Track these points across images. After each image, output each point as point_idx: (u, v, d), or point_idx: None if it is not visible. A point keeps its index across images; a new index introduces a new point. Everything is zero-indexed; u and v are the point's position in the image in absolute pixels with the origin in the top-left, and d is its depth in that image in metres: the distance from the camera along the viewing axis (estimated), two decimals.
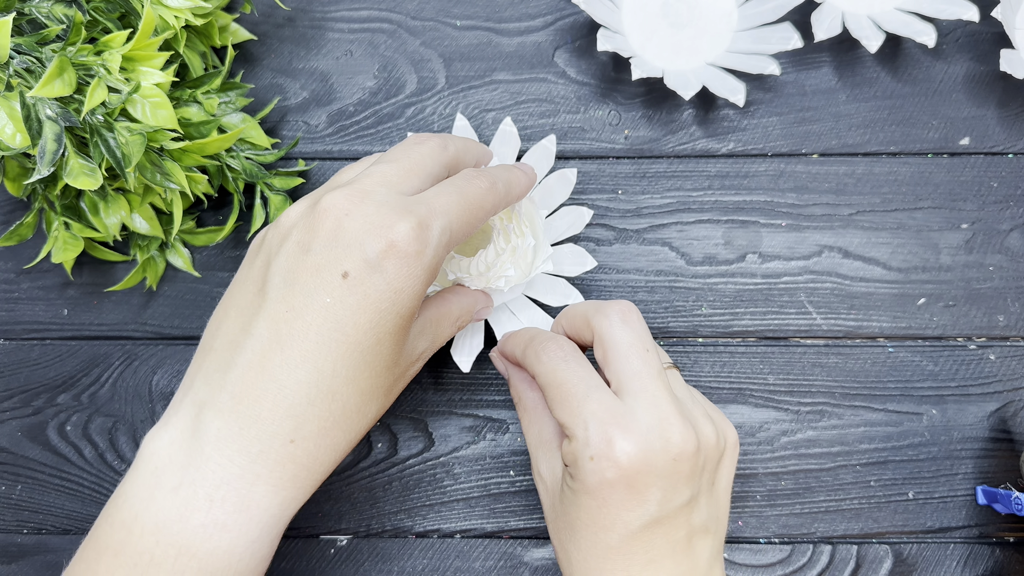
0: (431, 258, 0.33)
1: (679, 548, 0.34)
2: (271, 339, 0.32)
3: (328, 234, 0.33)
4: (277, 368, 0.32)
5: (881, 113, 0.48)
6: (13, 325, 0.48)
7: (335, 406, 0.32)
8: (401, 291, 0.33)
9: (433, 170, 0.37)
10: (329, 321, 0.32)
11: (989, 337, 0.46)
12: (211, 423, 0.31)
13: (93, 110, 0.37)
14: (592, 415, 0.33)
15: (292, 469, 0.32)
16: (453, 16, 0.50)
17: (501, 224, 0.41)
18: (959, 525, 0.45)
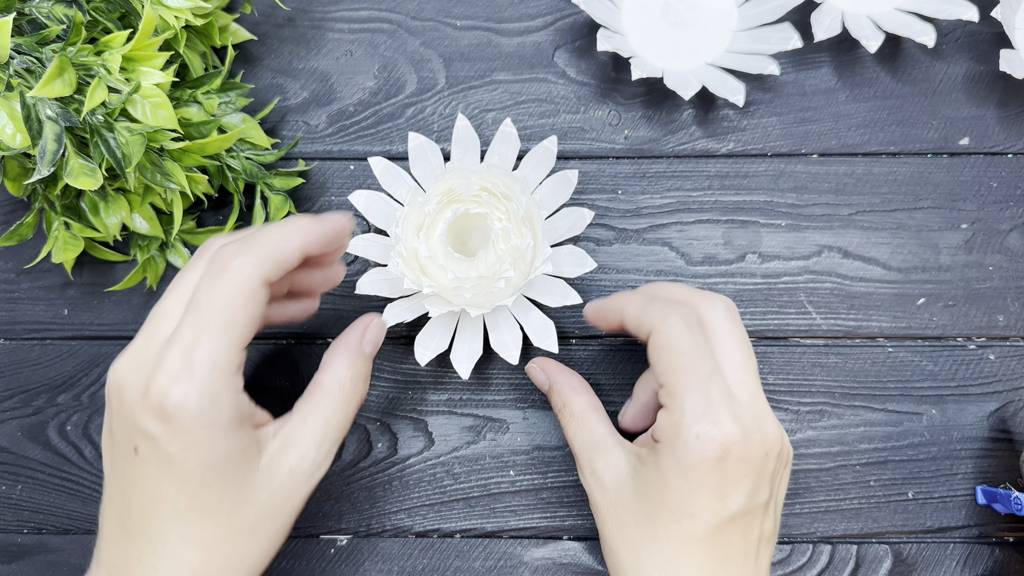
0: (199, 400, 0.31)
1: (750, 551, 0.35)
2: (115, 522, 0.34)
3: (114, 409, 0.33)
4: (125, 546, 0.33)
5: (881, 113, 0.48)
6: (13, 325, 0.48)
7: (180, 569, 0.32)
8: (186, 447, 0.31)
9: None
10: (144, 497, 0.33)
11: (989, 337, 0.46)
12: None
13: (93, 110, 0.37)
14: (710, 393, 0.34)
15: None
16: (453, 16, 0.50)
17: (500, 225, 0.41)
18: (959, 525, 0.45)
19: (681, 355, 0.34)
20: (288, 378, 0.47)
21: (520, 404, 0.46)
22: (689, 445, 0.33)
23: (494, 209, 0.42)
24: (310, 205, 0.48)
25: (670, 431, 0.34)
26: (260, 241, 0.33)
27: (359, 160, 0.48)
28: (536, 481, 0.46)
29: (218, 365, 0.31)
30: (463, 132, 0.44)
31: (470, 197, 0.42)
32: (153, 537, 0.32)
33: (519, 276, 0.42)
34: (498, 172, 0.42)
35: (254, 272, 0.32)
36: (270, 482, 0.34)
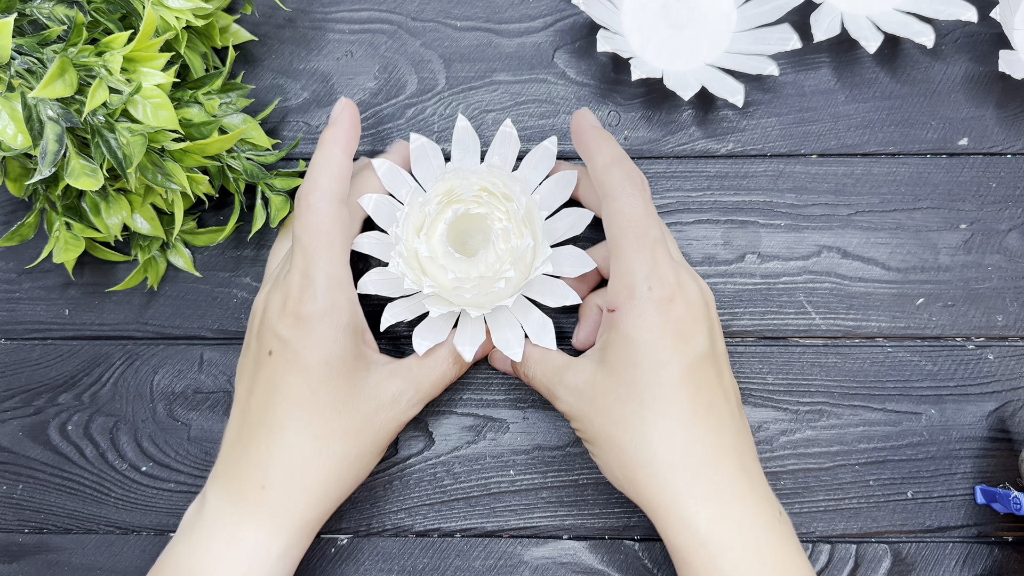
0: (324, 304, 0.38)
1: (729, 396, 0.39)
2: (239, 417, 0.40)
3: (254, 329, 0.41)
4: (246, 437, 0.39)
5: (880, 114, 0.48)
6: (15, 325, 0.48)
7: (293, 453, 0.38)
8: (313, 345, 0.38)
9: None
10: (271, 389, 0.39)
11: (988, 337, 0.46)
12: (211, 488, 0.40)
13: (94, 111, 0.37)
14: (656, 254, 0.38)
15: (268, 509, 0.38)
16: (453, 17, 0.50)
17: (501, 225, 0.41)
18: (958, 524, 0.45)
19: (634, 221, 0.38)
20: None
21: (520, 404, 0.46)
22: (644, 298, 0.37)
23: (494, 209, 0.42)
24: None
25: (624, 293, 0.38)
26: (319, 172, 0.40)
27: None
28: (536, 481, 0.46)
29: (331, 276, 0.39)
30: (463, 133, 0.44)
31: (470, 197, 0.42)
32: (273, 424, 0.38)
33: (519, 276, 0.42)
34: (498, 172, 0.42)
35: (330, 196, 0.39)
36: (375, 398, 0.40)
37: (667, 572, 0.45)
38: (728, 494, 0.36)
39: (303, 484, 0.38)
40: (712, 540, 0.36)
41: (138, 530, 0.47)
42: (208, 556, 0.38)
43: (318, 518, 0.39)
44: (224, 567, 0.37)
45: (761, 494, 0.37)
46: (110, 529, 0.47)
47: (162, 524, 0.47)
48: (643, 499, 0.37)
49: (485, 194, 0.42)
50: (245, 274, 0.48)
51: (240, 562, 0.37)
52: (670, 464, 0.36)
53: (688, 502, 0.36)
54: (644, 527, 0.45)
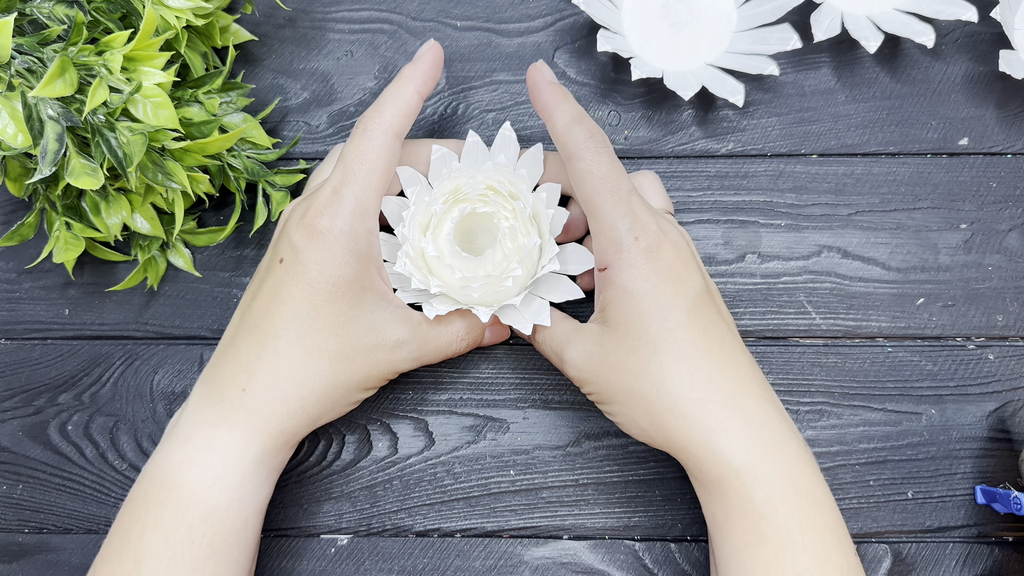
0: (343, 225, 0.38)
1: (731, 324, 0.40)
2: (238, 320, 0.40)
3: (275, 237, 0.41)
4: (239, 340, 0.39)
5: (880, 113, 0.48)
6: (15, 325, 0.48)
7: (281, 362, 0.38)
8: (323, 261, 0.38)
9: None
10: (273, 296, 0.39)
11: (988, 337, 0.46)
12: (195, 391, 0.40)
13: (95, 110, 0.37)
14: (633, 206, 0.38)
15: (244, 413, 0.38)
16: (453, 17, 0.50)
17: (507, 224, 0.41)
18: (958, 524, 0.45)
19: (603, 178, 0.38)
20: None
21: (520, 404, 0.46)
22: (632, 249, 0.37)
23: (500, 208, 0.42)
24: None
25: (612, 249, 0.38)
26: (386, 102, 0.40)
27: None
28: (536, 481, 0.46)
29: (360, 202, 0.39)
30: (473, 149, 0.44)
31: (476, 196, 0.42)
32: (268, 330, 0.38)
33: (526, 274, 0.42)
34: (504, 171, 0.42)
35: (388, 127, 0.40)
36: (377, 334, 0.40)
37: (667, 572, 0.45)
38: (758, 422, 0.36)
39: (283, 392, 0.38)
40: (746, 470, 0.36)
41: None
42: (183, 457, 0.37)
43: (294, 430, 0.39)
44: (198, 469, 0.37)
45: (789, 421, 0.38)
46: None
47: None
48: (672, 442, 0.37)
49: (491, 193, 0.42)
50: (245, 274, 0.48)
51: (214, 464, 0.37)
52: (695, 402, 0.36)
53: (719, 436, 0.36)
54: (644, 527, 0.45)
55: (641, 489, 0.46)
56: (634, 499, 0.46)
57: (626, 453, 0.46)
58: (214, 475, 0.37)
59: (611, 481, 0.46)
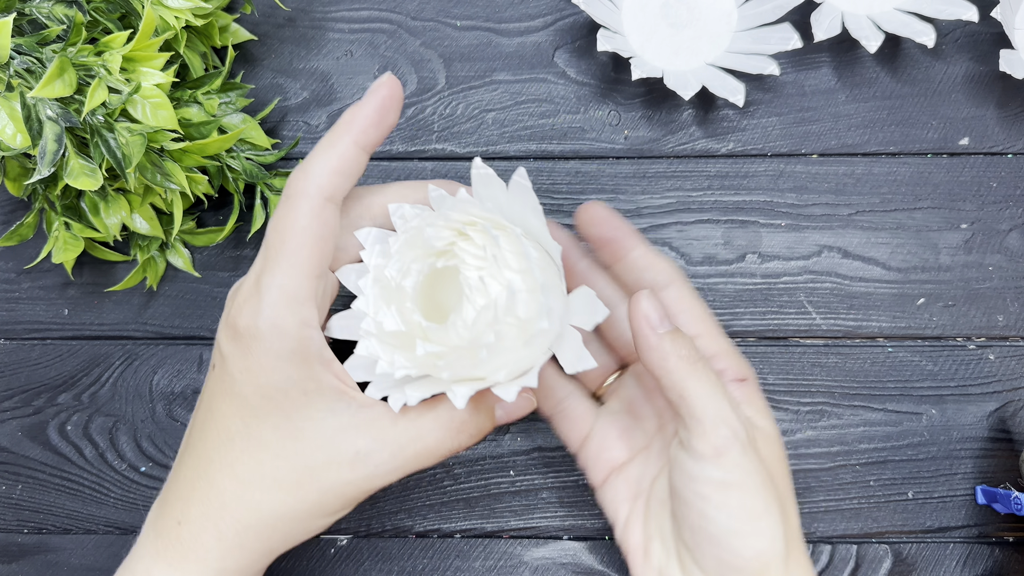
0: (267, 323, 0.32)
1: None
2: (185, 435, 0.35)
3: (215, 343, 0.35)
4: (181, 462, 0.34)
5: (880, 113, 0.48)
6: (14, 325, 0.48)
7: (212, 492, 0.33)
8: (248, 368, 0.32)
9: None
10: (207, 413, 0.34)
11: (988, 337, 0.46)
12: (149, 514, 0.35)
13: (93, 110, 0.37)
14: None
15: (180, 550, 0.33)
16: (453, 16, 0.50)
17: (475, 270, 0.32)
18: (958, 525, 0.45)
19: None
20: None
21: None
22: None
23: (465, 253, 0.33)
24: None
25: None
26: (314, 158, 0.33)
27: None
28: (536, 481, 0.46)
29: (285, 291, 0.32)
30: (484, 180, 0.34)
31: (442, 245, 0.33)
32: (201, 454, 0.33)
33: (514, 338, 0.31)
34: (472, 204, 0.33)
35: (315, 191, 0.32)
36: (328, 449, 0.32)
37: None
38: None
39: (218, 528, 0.33)
40: None
41: (137, 531, 0.47)
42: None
43: (238, 569, 0.33)
44: None
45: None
46: (109, 529, 0.47)
47: None
48: None
49: (459, 237, 0.33)
50: (244, 274, 0.48)
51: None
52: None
53: None
54: None
55: None
56: None
57: None
58: None
59: None
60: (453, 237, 0.33)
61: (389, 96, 0.33)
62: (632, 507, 0.38)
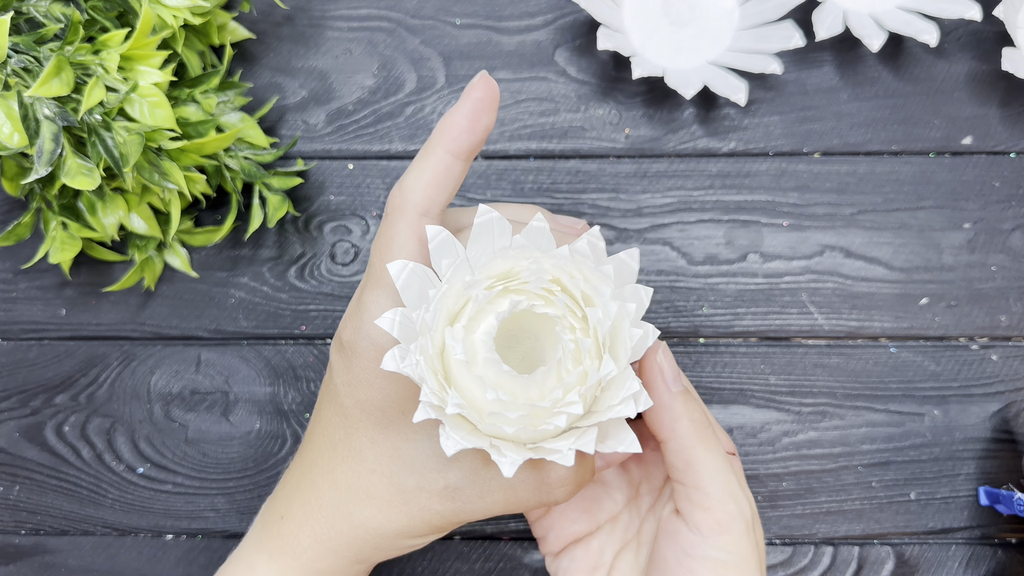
0: (367, 339, 0.31)
1: None
2: (302, 440, 0.37)
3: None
4: (295, 459, 0.36)
5: (883, 112, 0.47)
6: (11, 325, 0.48)
7: (313, 495, 0.34)
8: (350, 381, 0.32)
9: None
10: (316, 417, 0.35)
11: (992, 337, 0.46)
12: (261, 509, 0.37)
13: (91, 110, 0.37)
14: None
15: (280, 544, 0.34)
16: (453, 14, 0.49)
17: (572, 338, 0.29)
18: (961, 526, 0.45)
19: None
20: (284, 381, 0.47)
21: None
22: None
23: (568, 314, 0.30)
24: (308, 205, 0.48)
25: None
26: (409, 173, 0.32)
27: (358, 159, 0.48)
28: None
29: (383, 310, 0.31)
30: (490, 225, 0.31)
31: (538, 290, 0.30)
32: (308, 457, 0.35)
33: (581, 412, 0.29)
34: (583, 262, 0.30)
35: (410, 207, 0.31)
36: (422, 476, 0.32)
37: None
38: None
39: (313, 531, 0.34)
40: None
41: (135, 532, 0.47)
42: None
43: (331, 570, 0.34)
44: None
45: None
46: (107, 531, 0.47)
47: (159, 526, 0.46)
48: None
49: (558, 289, 0.30)
50: (242, 274, 0.48)
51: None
52: None
53: None
54: None
55: None
56: None
57: None
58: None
59: None
60: (551, 283, 0.30)
61: (482, 99, 0.31)
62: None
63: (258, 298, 0.47)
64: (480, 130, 0.32)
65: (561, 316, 0.29)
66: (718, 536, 0.32)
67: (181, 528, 0.46)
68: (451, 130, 0.31)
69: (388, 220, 0.32)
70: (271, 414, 0.47)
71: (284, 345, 0.47)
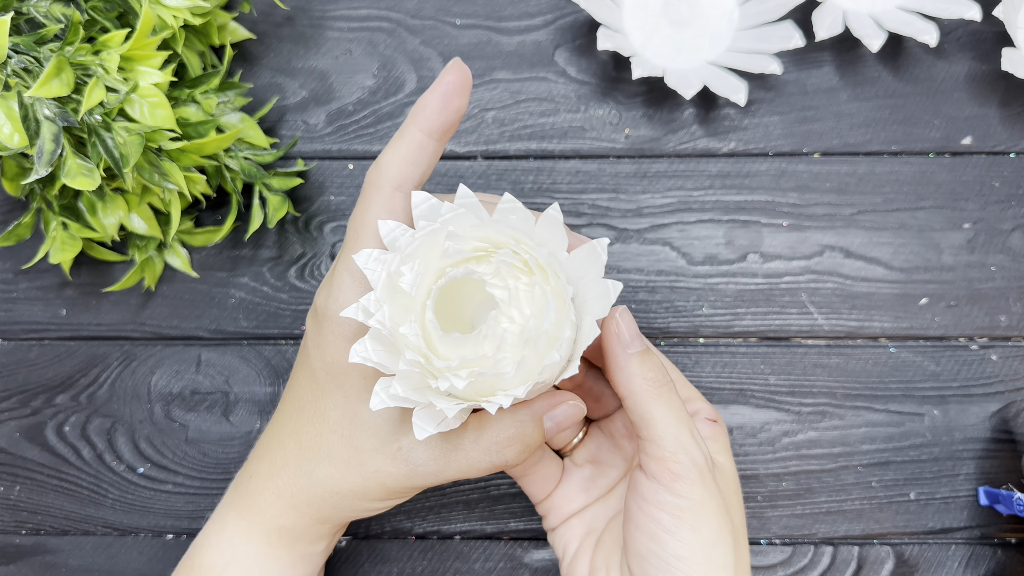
0: (338, 305, 0.33)
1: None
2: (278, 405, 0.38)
3: None
4: (269, 423, 0.38)
5: (883, 112, 0.47)
6: (11, 325, 0.48)
7: (278, 453, 0.36)
8: (320, 344, 0.34)
9: None
10: (291, 378, 0.37)
11: (991, 337, 0.46)
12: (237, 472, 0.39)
13: (91, 110, 0.37)
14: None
15: (247, 501, 0.36)
16: (453, 15, 0.49)
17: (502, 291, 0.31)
18: (961, 526, 0.45)
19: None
20: (284, 381, 0.47)
21: None
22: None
23: (507, 271, 0.31)
24: (308, 205, 0.48)
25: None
26: (385, 150, 0.34)
27: (358, 159, 0.48)
28: None
29: (355, 277, 0.33)
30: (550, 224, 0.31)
31: (468, 253, 0.31)
32: (277, 417, 0.37)
33: (537, 356, 0.30)
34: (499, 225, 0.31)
35: (384, 181, 0.33)
36: (380, 439, 0.33)
37: None
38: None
39: (277, 487, 0.35)
40: None
41: (135, 532, 0.47)
42: (204, 538, 0.37)
43: (295, 528, 0.35)
44: (212, 553, 0.37)
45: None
46: (107, 531, 0.47)
47: (159, 526, 0.46)
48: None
49: (494, 250, 0.31)
50: (242, 274, 0.48)
51: (224, 550, 0.36)
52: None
53: None
54: None
55: None
56: None
57: None
58: (224, 561, 0.36)
59: None
60: (479, 249, 0.31)
61: (453, 82, 0.33)
62: (582, 542, 0.38)
63: (258, 298, 0.48)
64: (452, 111, 0.33)
65: (495, 272, 0.31)
66: (672, 483, 0.33)
67: (182, 528, 0.46)
68: (424, 110, 0.33)
69: (364, 195, 0.34)
70: (271, 414, 0.47)
71: (284, 345, 0.47)
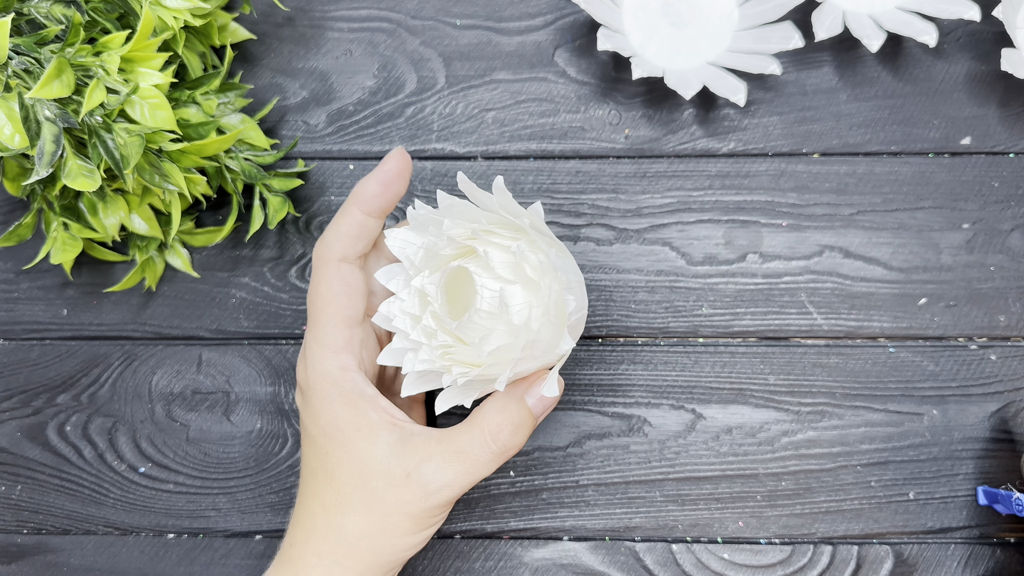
0: (313, 376, 0.37)
1: None
2: None
3: None
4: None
5: (882, 113, 0.47)
6: (12, 325, 0.48)
7: (308, 520, 0.38)
8: (308, 415, 0.38)
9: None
10: (301, 453, 0.39)
11: (990, 337, 0.46)
12: None
13: (92, 111, 0.37)
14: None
15: (291, 568, 0.38)
16: (453, 15, 0.49)
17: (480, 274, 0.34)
18: (960, 526, 0.45)
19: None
20: (285, 381, 0.47)
21: None
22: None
23: (487, 246, 0.34)
24: (309, 205, 0.48)
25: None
26: (329, 227, 0.38)
27: (358, 160, 0.48)
28: (536, 482, 0.46)
29: (322, 345, 0.37)
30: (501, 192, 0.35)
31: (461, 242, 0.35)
32: (301, 488, 0.39)
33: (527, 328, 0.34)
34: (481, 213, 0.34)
35: (328, 256, 0.37)
36: (387, 475, 0.36)
37: (668, 573, 0.45)
38: None
39: (316, 550, 0.37)
40: None
41: (136, 531, 0.47)
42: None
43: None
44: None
45: None
46: (108, 530, 0.47)
47: (160, 525, 0.47)
48: None
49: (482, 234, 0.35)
50: (243, 274, 0.48)
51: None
52: None
53: None
54: (645, 528, 0.45)
55: (642, 490, 0.45)
56: (635, 500, 0.45)
57: (627, 453, 0.46)
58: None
59: (611, 482, 0.46)
60: (468, 239, 0.35)
61: (392, 169, 0.38)
62: None
63: (259, 298, 0.48)
64: (391, 195, 0.38)
65: (481, 261, 0.34)
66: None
67: (183, 527, 0.47)
68: (364, 192, 0.37)
69: (315, 269, 0.38)
70: (272, 414, 0.47)
71: (285, 345, 0.47)
